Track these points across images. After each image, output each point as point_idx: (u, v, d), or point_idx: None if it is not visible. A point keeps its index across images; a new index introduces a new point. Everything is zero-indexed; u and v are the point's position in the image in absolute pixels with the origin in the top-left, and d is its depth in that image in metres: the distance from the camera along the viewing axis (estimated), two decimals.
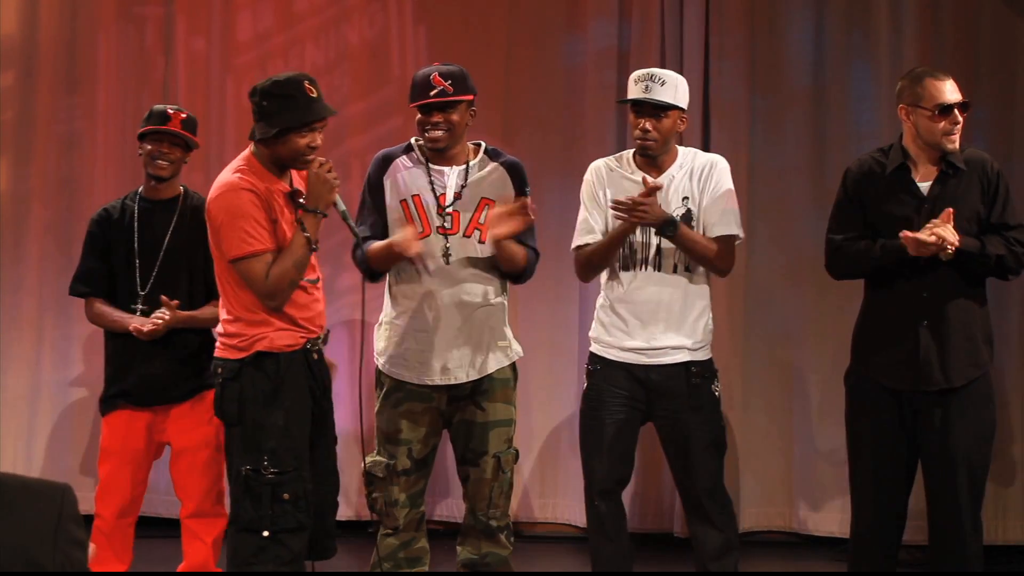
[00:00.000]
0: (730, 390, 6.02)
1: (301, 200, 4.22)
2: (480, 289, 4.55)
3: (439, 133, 4.49)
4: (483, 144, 4.66)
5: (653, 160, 4.65)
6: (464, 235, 4.52)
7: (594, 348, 4.74)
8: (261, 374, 4.13)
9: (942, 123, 4.44)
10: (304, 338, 4.21)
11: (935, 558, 4.49)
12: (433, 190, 4.55)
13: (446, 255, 4.50)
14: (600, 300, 4.76)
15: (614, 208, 4.54)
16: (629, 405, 4.63)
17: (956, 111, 4.45)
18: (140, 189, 5.01)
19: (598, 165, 4.74)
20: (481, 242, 4.51)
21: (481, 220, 4.53)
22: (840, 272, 4.69)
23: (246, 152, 4.23)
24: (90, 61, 6.65)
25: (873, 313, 4.61)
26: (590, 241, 4.68)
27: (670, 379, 4.61)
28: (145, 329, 4.74)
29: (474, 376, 4.54)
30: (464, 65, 4.62)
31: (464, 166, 4.58)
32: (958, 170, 4.48)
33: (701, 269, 4.66)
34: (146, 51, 6.67)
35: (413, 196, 4.55)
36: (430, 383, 4.52)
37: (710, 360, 4.70)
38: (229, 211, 4.10)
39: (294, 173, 4.29)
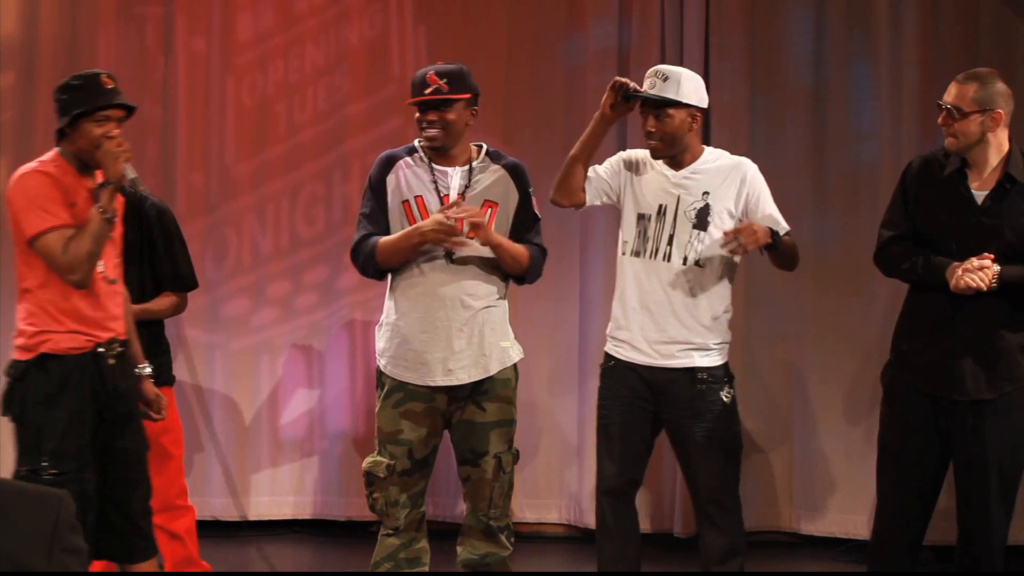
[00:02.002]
0: None
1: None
2: (482, 290, 4.56)
3: (434, 131, 4.52)
4: (484, 145, 4.67)
5: (673, 158, 4.59)
6: (467, 236, 4.51)
7: (607, 346, 4.68)
8: (44, 376, 4.16)
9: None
10: (91, 341, 4.20)
11: (959, 562, 4.47)
12: (437, 191, 4.56)
13: (449, 255, 4.51)
14: (615, 293, 4.69)
15: (727, 243, 4.49)
16: (638, 405, 4.57)
17: (943, 112, 4.33)
18: None
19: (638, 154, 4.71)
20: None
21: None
22: (884, 271, 4.62)
23: (53, 151, 4.28)
24: (90, 61, 6.62)
25: (914, 315, 4.51)
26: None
27: (674, 383, 4.54)
28: None
29: (476, 377, 4.54)
30: (464, 65, 4.63)
31: (467, 167, 4.59)
32: (1015, 183, 4.34)
33: (719, 265, 4.56)
34: (146, 51, 6.65)
35: (416, 197, 4.56)
36: (432, 384, 4.53)
37: (722, 365, 4.60)
38: (24, 194, 4.16)
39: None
